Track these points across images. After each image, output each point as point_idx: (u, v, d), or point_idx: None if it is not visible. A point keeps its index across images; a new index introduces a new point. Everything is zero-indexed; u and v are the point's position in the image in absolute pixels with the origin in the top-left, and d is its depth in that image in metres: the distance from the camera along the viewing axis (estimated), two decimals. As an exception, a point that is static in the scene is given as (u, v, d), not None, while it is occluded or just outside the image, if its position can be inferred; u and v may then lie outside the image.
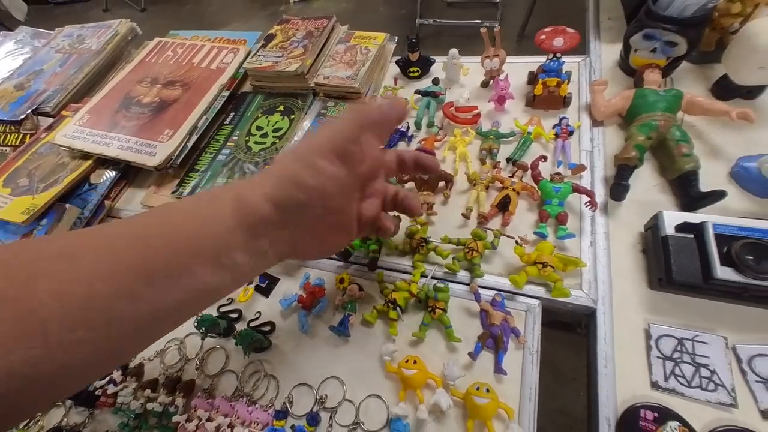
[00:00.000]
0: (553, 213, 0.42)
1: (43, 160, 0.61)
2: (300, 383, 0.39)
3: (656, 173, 0.45)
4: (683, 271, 0.34)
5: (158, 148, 0.56)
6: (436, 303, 0.38)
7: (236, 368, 0.41)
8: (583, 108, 0.52)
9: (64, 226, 0.53)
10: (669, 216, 0.36)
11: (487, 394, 0.33)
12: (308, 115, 0.58)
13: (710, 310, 0.35)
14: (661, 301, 0.37)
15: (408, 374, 0.35)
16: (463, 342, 0.38)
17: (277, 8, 2.70)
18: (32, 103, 0.71)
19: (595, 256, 0.40)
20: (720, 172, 0.43)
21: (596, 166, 0.47)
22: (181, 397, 0.39)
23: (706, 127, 0.47)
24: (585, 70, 0.55)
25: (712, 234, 0.33)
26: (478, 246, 0.40)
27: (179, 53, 0.70)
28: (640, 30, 0.47)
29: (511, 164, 0.48)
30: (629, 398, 0.33)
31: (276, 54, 0.62)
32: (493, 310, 0.38)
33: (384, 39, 0.61)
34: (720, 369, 0.32)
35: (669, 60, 0.48)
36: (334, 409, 0.37)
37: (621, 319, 0.37)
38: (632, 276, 0.39)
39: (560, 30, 0.50)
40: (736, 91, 0.47)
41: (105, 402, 0.40)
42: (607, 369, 0.34)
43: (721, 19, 0.47)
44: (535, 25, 1.85)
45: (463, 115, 0.52)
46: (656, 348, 0.34)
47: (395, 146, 0.54)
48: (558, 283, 0.37)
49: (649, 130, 0.43)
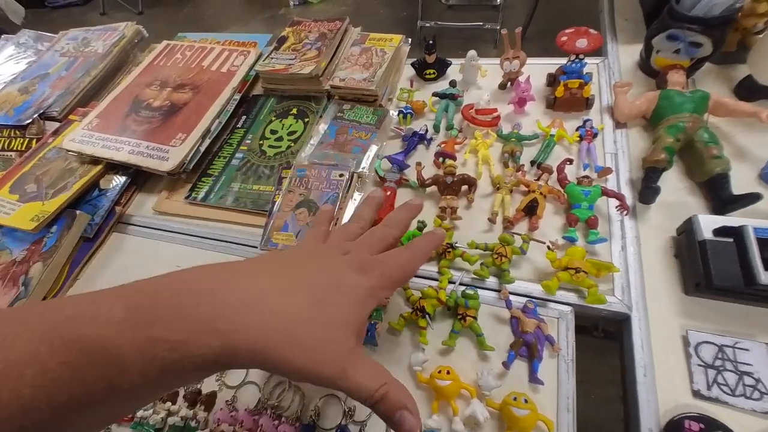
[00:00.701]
0: (583, 217, 0.41)
1: (50, 166, 0.59)
2: (327, 394, 0.38)
3: (682, 176, 0.44)
4: (723, 276, 0.33)
5: (171, 152, 0.55)
6: (466, 310, 0.37)
7: (258, 380, 0.40)
8: (604, 110, 0.51)
9: (75, 232, 0.51)
10: (705, 220, 0.36)
11: (526, 405, 0.32)
12: (323, 119, 0.57)
13: (749, 316, 0.35)
14: (697, 307, 0.36)
15: (442, 385, 0.34)
16: (495, 350, 0.37)
17: (276, 11, 2.70)
18: (38, 107, 0.69)
19: (626, 260, 0.40)
20: (748, 174, 0.43)
21: (621, 169, 0.46)
22: (202, 410, 0.38)
23: (731, 128, 0.46)
24: (604, 72, 0.55)
25: (753, 238, 0.32)
26: (507, 251, 0.39)
27: (188, 56, 0.69)
28: (663, 30, 0.47)
29: (535, 167, 0.47)
30: (671, 408, 0.32)
31: (289, 56, 0.61)
32: (525, 317, 0.37)
33: (400, 41, 0.60)
34: (764, 377, 0.31)
35: (692, 61, 0.47)
36: (363, 423, 0.36)
37: (657, 326, 0.36)
38: (665, 281, 0.38)
39: (583, 31, 0.50)
40: (760, 92, 0.46)
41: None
42: (646, 378, 0.34)
43: (743, 19, 0.47)
44: (535, 28, 1.86)
45: (484, 117, 0.51)
46: (696, 355, 0.33)
47: (414, 149, 0.53)
48: (593, 289, 0.36)
49: (677, 131, 0.42)
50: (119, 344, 0.18)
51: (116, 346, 0.18)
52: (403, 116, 0.55)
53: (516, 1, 2.11)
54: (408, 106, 0.55)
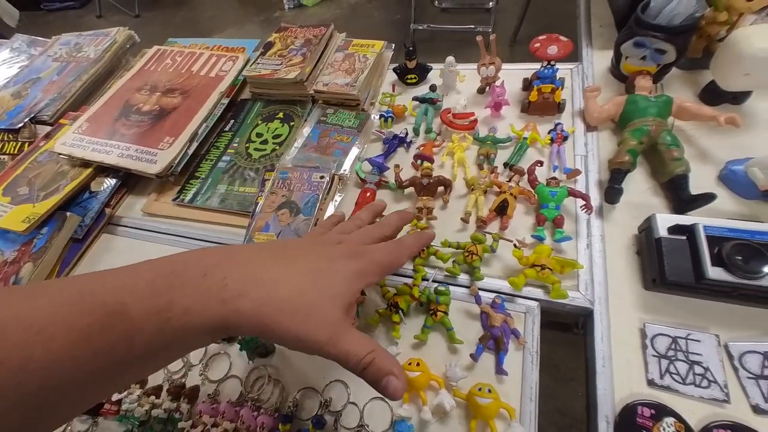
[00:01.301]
0: (550, 216, 0.43)
1: (42, 169, 0.61)
2: (305, 387, 0.39)
3: (648, 177, 0.46)
4: (676, 272, 0.35)
5: (159, 155, 0.56)
6: (437, 306, 0.39)
7: (240, 373, 0.42)
8: (576, 113, 0.53)
9: (65, 234, 0.53)
10: (662, 218, 0.38)
11: (489, 394, 0.33)
12: (308, 122, 0.59)
13: (702, 309, 0.37)
14: (656, 301, 0.38)
15: (411, 376, 0.36)
16: (464, 344, 0.39)
17: (272, 14, 2.72)
18: (30, 111, 0.71)
19: (591, 257, 0.41)
20: (709, 176, 0.45)
21: (590, 170, 0.48)
22: (185, 403, 0.40)
23: (695, 131, 0.48)
24: (578, 77, 0.57)
25: (703, 235, 0.34)
26: (478, 249, 0.41)
27: (178, 61, 0.71)
28: (630, 38, 0.49)
29: (508, 169, 0.49)
30: (627, 396, 0.34)
31: (275, 62, 0.63)
32: (494, 312, 0.39)
33: (382, 47, 0.62)
34: (713, 366, 0.33)
35: (659, 67, 0.49)
36: (339, 413, 0.37)
37: (617, 319, 0.38)
38: (627, 277, 0.40)
39: (554, 38, 0.52)
40: (723, 96, 0.48)
41: (109, 410, 0.40)
42: (605, 368, 0.35)
43: (708, 27, 0.49)
44: (527, 31, 1.89)
45: (461, 121, 0.53)
46: (652, 347, 0.35)
47: (394, 152, 0.55)
48: (556, 285, 0.38)
49: (641, 135, 0.44)
50: (139, 309, 0.21)
51: (136, 310, 0.21)
52: (385, 120, 0.57)
53: (508, 5, 2.14)
54: (389, 110, 0.57)
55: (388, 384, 0.24)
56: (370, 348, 0.25)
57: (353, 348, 0.24)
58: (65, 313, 0.20)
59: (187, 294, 0.22)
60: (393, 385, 0.24)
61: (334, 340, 0.24)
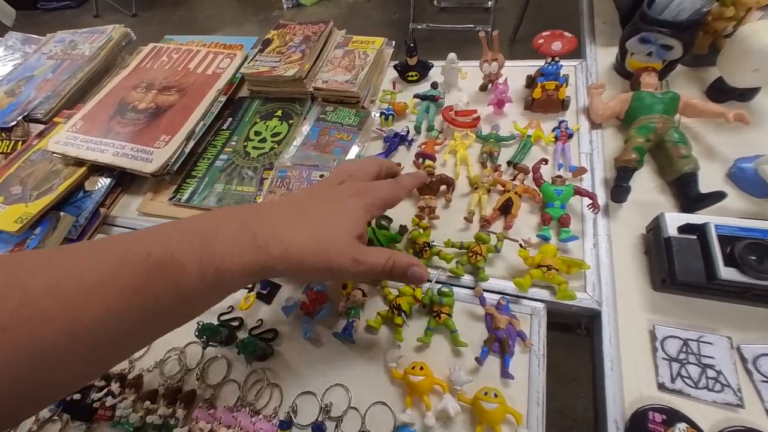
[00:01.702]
0: (556, 216, 0.42)
1: (35, 168, 0.59)
2: (304, 391, 0.38)
3: (655, 175, 0.46)
4: (687, 272, 0.34)
5: (154, 154, 0.55)
6: (441, 308, 0.38)
7: (238, 377, 0.40)
8: (580, 111, 0.52)
9: (59, 234, 0.52)
10: (671, 217, 0.37)
11: (496, 399, 0.32)
12: (307, 120, 0.58)
13: (713, 311, 0.36)
14: (665, 302, 0.37)
15: (415, 381, 0.34)
16: (468, 346, 0.38)
17: (270, 13, 2.70)
18: (23, 109, 0.70)
19: (597, 258, 0.40)
20: (717, 173, 0.44)
21: (596, 169, 0.47)
22: (181, 408, 0.38)
23: (702, 128, 0.48)
24: (582, 74, 0.56)
25: (714, 235, 0.33)
26: (482, 249, 0.40)
27: (174, 58, 0.70)
28: (635, 34, 0.48)
29: (512, 167, 0.48)
30: (636, 400, 0.33)
31: (273, 59, 0.61)
32: (499, 313, 0.38)
33: (382, 43, 0.61)
34: (725, 369, 0.32)
35: (664, 63, 0.48)
36: (339, 418, 0.36)
37: (625, 321, 0.37)
38: (635, 277, 0.39)
39: (558, 34, 0.51)
40: (730, 93, 0.47)
41: (103, 415, 0.39)
42: (613, 371, 0.34)
43: (714, 22, 0.48)
44: (526, 30, 1.88)
45: (463, 119, 0.52)
46: (662, 349, 0.34)
47: (395, 150, 0.54)
48: (563, 286, 0.37)
49: (648, 132, 0.44)
50: (183, 256, 0.24)
51: (180, 257, 0.23)
52: (385, 118, 0.56)
53: (507, 4, 2.13)
54: (390, 108, 0.56)
55: (412, 274, 0.30)
56: (387, 254, 0.30)
57: (375, 260, 0.29)
58: (114, 267, 0.22)
59: (224, 244, 0.25)
60: (415, 272, 0.30)
61: (357, 261, 0.28)
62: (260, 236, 0.27)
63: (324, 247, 0.28)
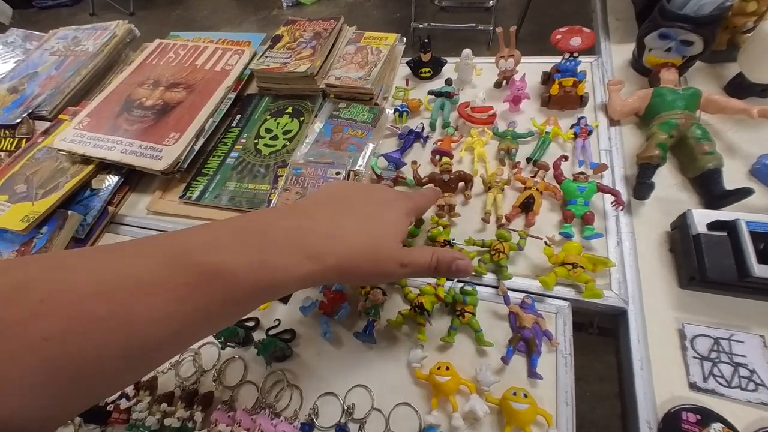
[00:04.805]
0: (579, 213, 0.41)
1: (40, 166, 0.58)
2: (325, 393, 0.37)
3: (676, 171, 0.45)
4: (717, 269, 0.33)
5: (164, 151, 0.54)
6: (464, 306, 0.37)
7: (256, 379, 0.40)
8: (598, 108, 0.52)
9: (66, 233, 0.51)
10: (699, 214, 0.36)
11: (526, 399, 0.32)
12: (319, 117, 0.57)
13: (743, 309, 0.35)
14: (692, 300, 0.37)
15: (441, 381, 0.34)
16: (493, 346, 0.37)
17: (269, 13, 2.69)
18: (27, 106, 0.68)
19: (621, 255, 0.40)
20: (739, 170, 0.43)
21: (615, 165, 0.46)
22: (199, 410, 0.37)
23: (721, 125, 0.47)
24: (598, 70, 0.55)
25: (746, 232, 0.33)
26: (504, 247, 0.39)
27: (181, 55, 0.68)
28: (654, 29, 0.47)
29: (532, 164, 0.47)
30: (668, 400, 0.32)
31: (284, 55, 0.60)
32: (524, 312, 0.37)
33: (395, 39, 0.60)
34: (759, 368, 0.32)
35: (684, 59, 0.48)
36: (362, 420, 0.35)
37: (652, 319, 0.36)
38: (660, 275, 0.39)
39: (576, 30, 0.50)
40: (750, 89, 0.47)
41: (118, 418, 0.38)
42: (643, 371, 0.34)
43: (733, 18, 0.48)
44: (527, 30, 1.88)
45: (479, 115, 0.51)
46: (692, 348, 0.34)
47: (410, 147, 0.53)
48: (590, 284, 0.36)
49: (671, 128, 0.43)
50: (237, 267, 0.23)
51: (235, 268, 0.23)
52: (399, 114, 0.55)
53: (508, 4, 2.13)
54: (404, 105, 0.55)
55: (456, 268, 0.31)
56: (430, 252, 0.31)
57: (419, 260, 0.30)
58: (163, 273, 0.21)
59: (275, 253, 0.25)
60: (461, 265, 0.31)
61: (404, 263, 0.29)
62: (312, 245, 0.26)
63: (374, 253, 0.28)
